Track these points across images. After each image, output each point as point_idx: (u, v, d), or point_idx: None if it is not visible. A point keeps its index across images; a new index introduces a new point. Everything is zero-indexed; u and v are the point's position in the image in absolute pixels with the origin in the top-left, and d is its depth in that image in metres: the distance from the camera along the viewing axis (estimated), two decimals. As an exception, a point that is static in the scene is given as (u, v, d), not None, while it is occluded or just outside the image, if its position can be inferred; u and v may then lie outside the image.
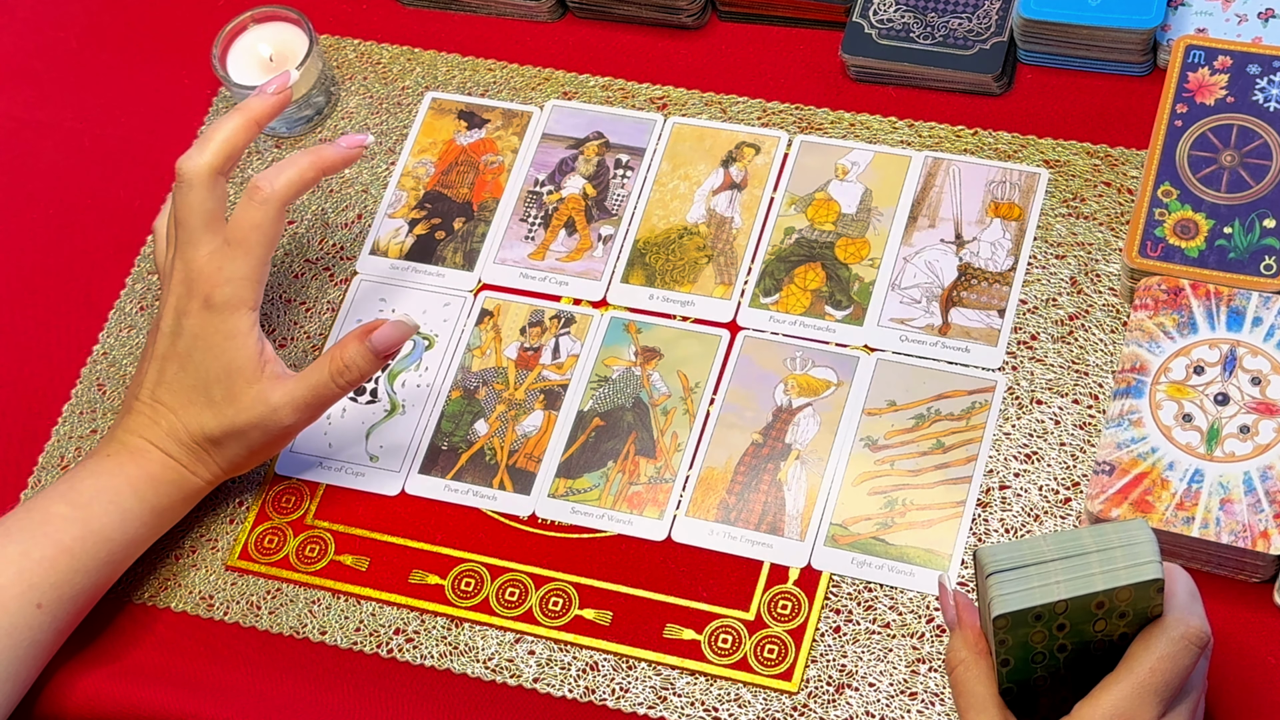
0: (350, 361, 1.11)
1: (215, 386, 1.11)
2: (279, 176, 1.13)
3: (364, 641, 1.13)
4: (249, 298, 1.12)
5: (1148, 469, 1.06)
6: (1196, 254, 1.12)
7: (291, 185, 1.13)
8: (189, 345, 1.12)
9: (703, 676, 1.09)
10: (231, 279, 1.11)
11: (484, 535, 1.15)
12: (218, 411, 1.11)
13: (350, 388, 1.12)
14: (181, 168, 1.13)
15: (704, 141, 1.26)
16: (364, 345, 1.11)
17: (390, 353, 1.12)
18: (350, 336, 1.12)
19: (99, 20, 1.41)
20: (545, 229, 1.25)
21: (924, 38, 1.25)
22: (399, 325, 1.12)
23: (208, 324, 1.11)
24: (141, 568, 1.16)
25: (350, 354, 1.11)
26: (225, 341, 1.11)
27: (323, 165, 1.15)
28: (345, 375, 1.12)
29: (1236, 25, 1.21)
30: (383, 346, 1.12)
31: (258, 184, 1.12)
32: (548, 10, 1.34)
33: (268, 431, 1.12)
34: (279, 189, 1.13)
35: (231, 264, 1.11)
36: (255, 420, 1.11)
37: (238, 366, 1.11)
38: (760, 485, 1.14)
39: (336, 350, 1.11)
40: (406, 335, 1.12)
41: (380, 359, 1.12)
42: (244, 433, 1.12)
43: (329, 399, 1.12)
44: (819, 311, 1.19)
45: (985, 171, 1.21)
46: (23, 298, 1.30)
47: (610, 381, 1.19)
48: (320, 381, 1.12)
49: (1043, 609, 0.90)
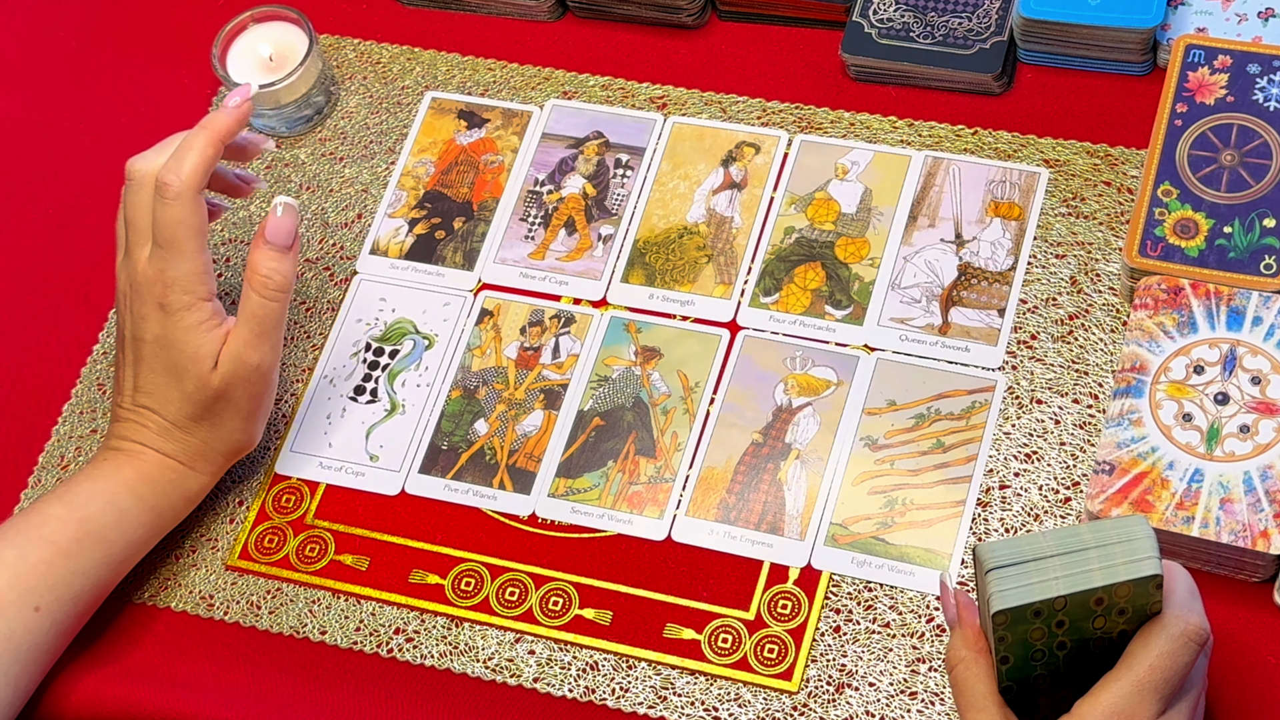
0: (265, 270, 1.11)
1: (186, 378, 1.11)
2: (182, 166, 1.11)
3: (364, 641, 1.13)
4: (200, 290, 1.11)
5: (1148, 468, 1.05)
6: (1196, 253, 1.12)
7: (196, 171, 1.11)
8: (154, 348, 1.12)
9: (703, 676, 1.08)
10: (177, 280, 1.11)
11: (484, 535, 1.15)
12: (193, 396, 1.11)
13: (283, 294, 1.12)
14: (132, 168, 1.12)
15: (704, 141, 1.26)
16: (266, 248, 1.11)
17: (292, 240, 1.12)
18: (252, 250, 1.12)
19: (99, 20, 1.41)
20: (545, 229, 1.25)
21: (924, 37, 1.25)
22: (284, 208, 1.12)
23: (167, 325, 1.11)
24: (141, 568, 1.16)
25: (262, 265, 1.11)
26: (186, 335, 1.11)
27: (220, 136, 1.13)
28: (269, 284, 1.11)
29: (1236, 25, 1.21)
30: (282, 238, 1.12)
31: (164, 180, 1.10)
32: (548, 10, 1.34)
33: (245, 382, 1.12)
34: (186, 179, 1.10)
35: (171, 267, 1.10)
36: (227, 378, 1.11)
37: (204, 354, 1.11)
38: (760, 485, 1.14)
39: (250, 270, 1.11)
40: (295, 215, 1.12)
41: (288, 251, 1.12)
42: (224, 396, 1.12)
43: (274, 319, 1.12)
44: (819, 311, 1.19)
45: (985, 171, 1.21)
46: (23, 298, 1.30)
47: (610, 381, 1.19)
48: (255, 306, 1.11)
49: (1042, 605, 0.90)
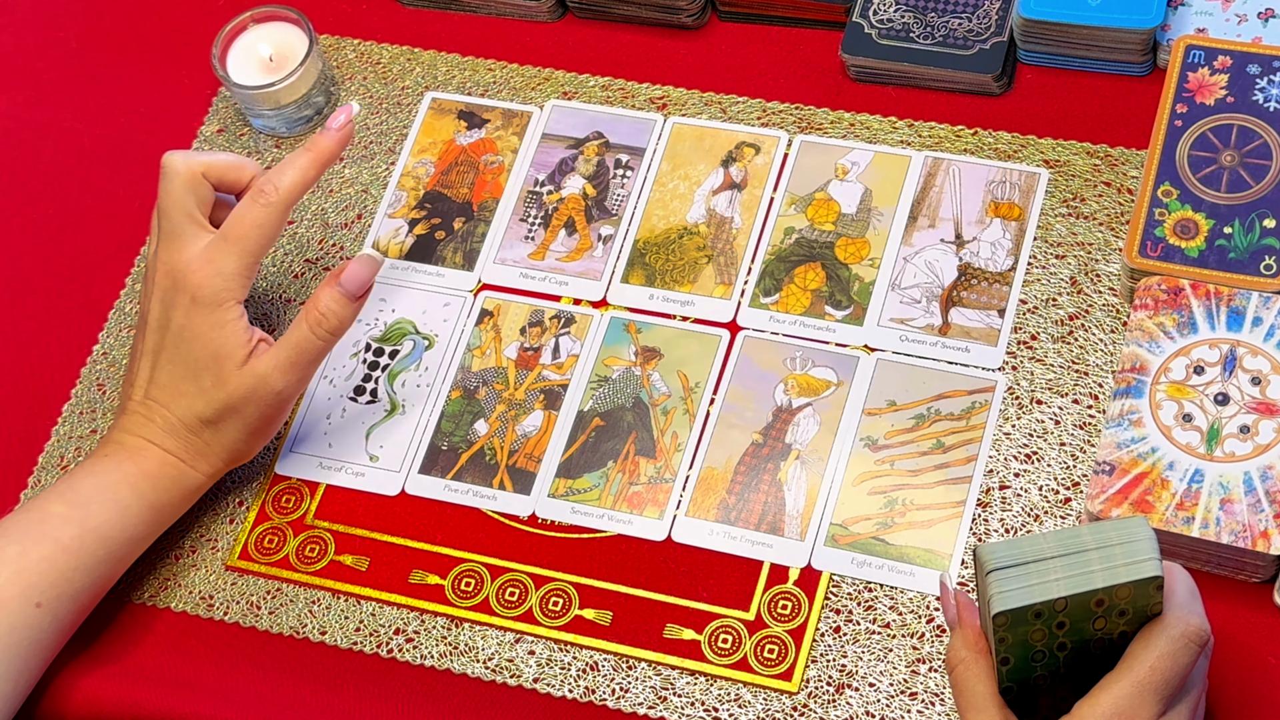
0: (326, 309, 1.12)
1: (205, 374, 1.11)
2: (283, 178, 1.13)
3: (364, 641, 1.13)
4: (237, 292, 1.12)
5: (1148, 469, 1.06)
6: (1196, 254, 1.12)
7: (295, 186, 1.14)
8: (176, 338, 1.12)
9: (703, 676, 1.08)
10: (222, 273, 1.11)
11: (484, 535, 1.15)
12: (209, 397, 1.12)
13: (333, 337, 1.12)
14: (167, 160, 1.14)
15: (704, 141, 1.26)
16: (335, 289, 1.12)
17: (363, 292, 1.12)
18: (322, 286, 1.12)
19: (99, 20, 1.41)
20: (545, 229, 1.25)
21: (924, 38, 1.25)
22: (365, 260, 1.12)
23: (195, 316, 1.11)
24: (141, 568, 1.16)
25: (325, 302, 1.12)
26: (213, 330, 1.11)
27: (323, 159, 1.15)
28: (324, 324, 1.12)
29: (1236, 25, 1.21)
30: (354, 286, 1.12)
31: (263, 186, 1.13)
32: (548, 10, 1.34)
33: (261, 402, 1.12)
34: (284, 191, 1.13)
35: (225, 259, 1.11)
36: (247, 393, 1.11)
37: (227, 352, 1.11)
38: (760, 485, 1.14)
39: (311, 303, 1.12)
40: (375, 269, 1.13)
41: (355, 300, 1.12)
42: (238, 409, 1.12)
43: (314, 354, 1.12)
44: (819, 311, 1.19)
45: (985, 171, 1.21)
46: (23, 298, 1.30)
47: (610, 381, 1.19)
48: (301, 337, 1.12)
49: (1042, 606, 0.90)
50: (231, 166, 1.15)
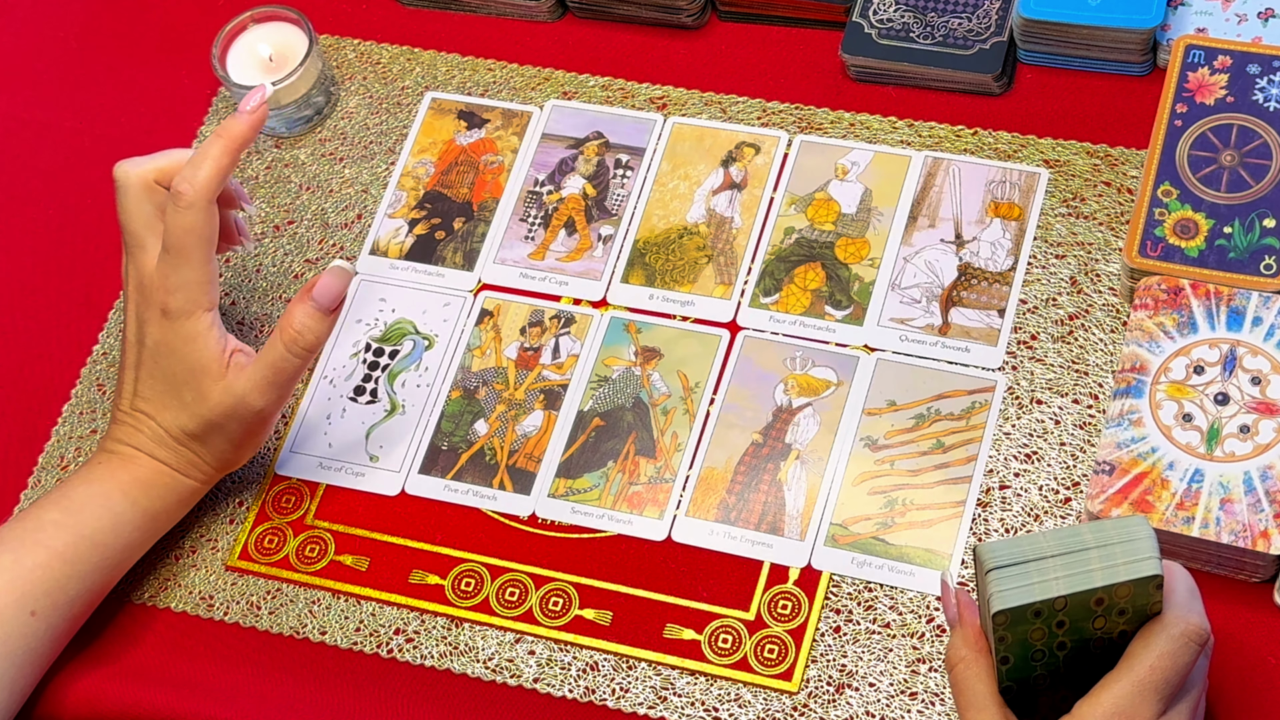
0: (301, 327, 1.11)
1: (185, 389, 1.11)
2: (198, 174, 1.10)
3: (364, 641, 1.13)
4: (203, 300, 1.11)
5: (1148, 469, 1.05)
6: (1196, 254, 1.12)
7: (211, 180, 1.10)
8: (154, 352, 1.12)
9: (703, 676, 1.08)
10: (180, 286, 1.10)
11: (484, 535, 1.15)
12: (192, 412, 1.11)
13: (309, 354, 1.11)
14: (118, 172, 1.12)
15: (704, 141, 1.26)
16: (308, 305, 1.11)
17: (337, 304, 1.11)
18: (293, 303, 1.11)
19: (99, 20, 1.41)
20: (545, 229, 1.25)
21: (924, 38, 1.25)
22: (337, 272, 1.11)
23: (168, 331, 1.11)
24: (141, 568, 1.16)
25: (299, 319, 1.11)
26: (186, 345, 1.11)
27: (236, 145, 1.12)
28: (299, 342, 1.11)
29: (1236, 25, 1.21)
30: (327, 300, 1.11)
31: (179, 188, 1.10)
32: (548, 10, 1.34)
33: (243, 420, 1.12)
34: (200, 188, 1.10)
35: (176, 273, 1.10)
36: (227, 411, 1.11)
37: (203, 366, 1.11)
38: (760, 485, 1.14)
39: (284, 321, 1.11)
40: (346, 281, 1.12)
41: (329, 314, 1.11)
42: (220, 425, 1.12)
43: (291, 372, 1.11)
44: (819, 311, 1.19)
45: (985, 171, 1.21)
46: (23, 298, 1.30)
47: (610, 381, 1.19)
48: (278, 357, 1.11)
49: (1042, 605, 0.90)
50: (181, 164, 1.12)
